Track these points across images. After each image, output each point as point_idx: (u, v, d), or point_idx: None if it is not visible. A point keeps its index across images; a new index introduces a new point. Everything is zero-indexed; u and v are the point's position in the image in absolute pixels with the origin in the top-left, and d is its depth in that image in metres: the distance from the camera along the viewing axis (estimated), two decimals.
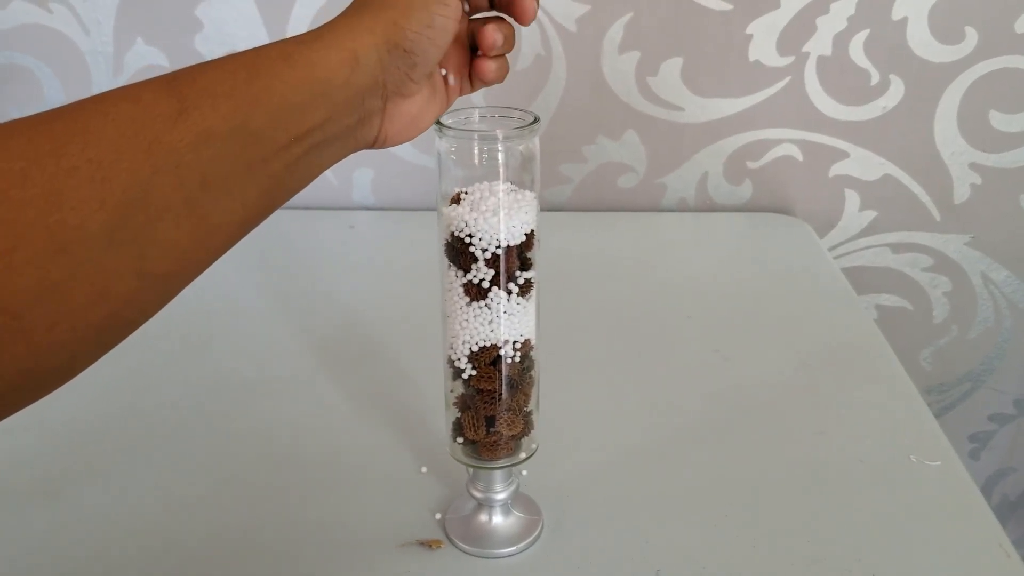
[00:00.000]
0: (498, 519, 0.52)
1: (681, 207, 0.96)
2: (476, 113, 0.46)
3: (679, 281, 0.81)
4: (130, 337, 0.71)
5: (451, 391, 0.49)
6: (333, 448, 0.59)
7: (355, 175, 0.95)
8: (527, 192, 0.45)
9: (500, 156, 0.44)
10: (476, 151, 0.44)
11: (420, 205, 0.95)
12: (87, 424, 0.62)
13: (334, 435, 0.61)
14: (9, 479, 0.57)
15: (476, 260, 0.45)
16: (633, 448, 0.59)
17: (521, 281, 0.46)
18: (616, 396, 0.65)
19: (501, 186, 0.44)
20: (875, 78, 0.89)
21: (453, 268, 0.46)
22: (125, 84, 0.89)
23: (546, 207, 0.96)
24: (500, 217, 0.44)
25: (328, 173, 0.95)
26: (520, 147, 0.44)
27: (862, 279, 0.97)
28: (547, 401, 0.54)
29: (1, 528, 0.52)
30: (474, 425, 0.49)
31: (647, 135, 0.92)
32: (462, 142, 0.44)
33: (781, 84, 0.89)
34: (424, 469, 0.57)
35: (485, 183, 0.44)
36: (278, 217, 0.91)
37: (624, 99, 0.90)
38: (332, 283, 0.81)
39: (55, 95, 0.93)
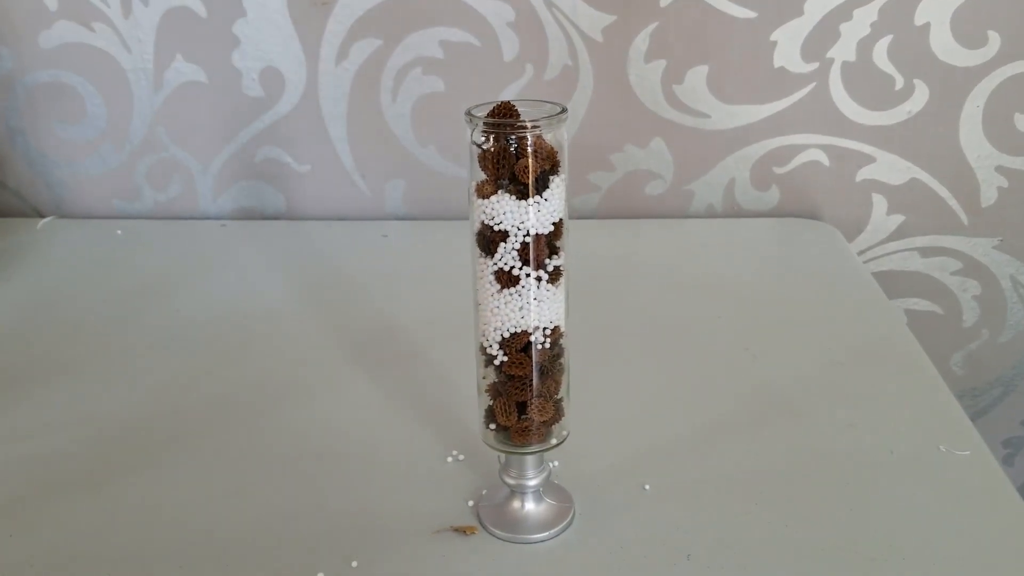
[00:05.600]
0: (530, 506, 0.53)
1: (709, 213, 0.97)
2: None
3: (708, 285, 0.82)
4: (173, 341, 0.74)
5: (483, 378, 0.51)
6: (369, 441, 0.61)
7: (387, 186, 0.97)
8: (556, 180, 0.46)
9: (529, 146, 0.45)
10: (506, 141, 0.45)
11: (450, 215, 0.97)
12: (133, 420, 0.64)
13: (370, 429, 0.62)
14: (58, 470, 0.58)
15: (507, 247, 0.46)
16: (663, 440, 0.60)
17: (551, 268, 0.47)
18: (646, 390, 0.66)
19: (531, 175, 0.46)
20: (899, 83, 0.90)
21: (484, 256, 0.48)
22: (165, 100, 0.91)
23: (575, 215, 0.97)
24: (529, 205, 0.45)
25: (361, 184, 0.97)
26: (548, 136, 0.46)
27: (891, 283, 0.97)
28: (579, 396, 0.55)
29: (49, 516, 0.54)
30: (506, 411, 0.50)
31: (674, 142, 0.93)
32: (492, 132, 0.45)
33: (806, 90, 0.90)
34: (456, 456, 0.58)
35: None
36: (313, 227, 0.94)
37: (651, 107, 0.92)
38: (367, 289, 0.83)
39: (98, 111, 0.96)
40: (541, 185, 0.46)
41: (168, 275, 0.87)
